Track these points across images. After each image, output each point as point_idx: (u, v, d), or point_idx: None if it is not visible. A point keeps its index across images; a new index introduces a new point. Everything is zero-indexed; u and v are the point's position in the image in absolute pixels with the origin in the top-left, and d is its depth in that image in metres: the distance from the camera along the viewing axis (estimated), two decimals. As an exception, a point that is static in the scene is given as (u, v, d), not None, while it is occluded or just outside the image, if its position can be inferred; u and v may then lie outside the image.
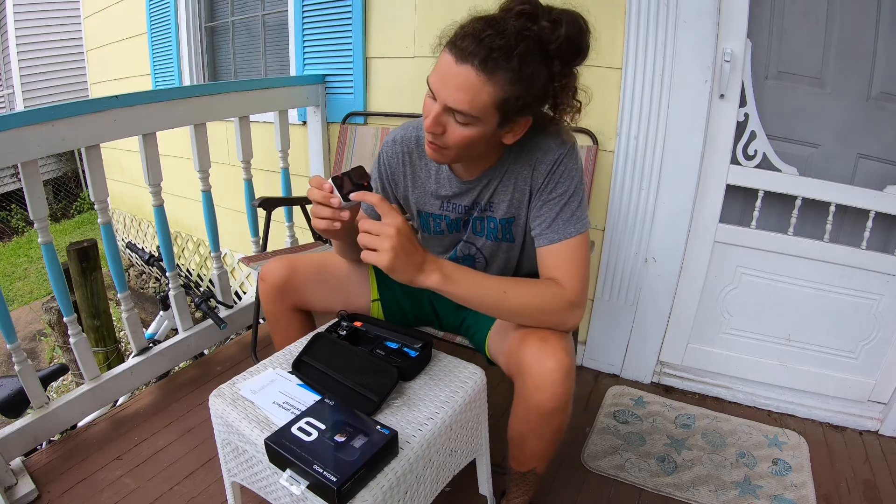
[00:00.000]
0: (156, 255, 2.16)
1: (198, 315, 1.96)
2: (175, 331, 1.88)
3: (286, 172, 2.13)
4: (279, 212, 2.05)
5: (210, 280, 3.40)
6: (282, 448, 0.77)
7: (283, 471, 0.77)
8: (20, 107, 5.81)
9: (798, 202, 1.49)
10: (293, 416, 0.84)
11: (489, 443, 1.09)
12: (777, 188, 1.51)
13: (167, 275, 1.79)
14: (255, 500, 1.16)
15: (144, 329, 1.82)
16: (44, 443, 1.48)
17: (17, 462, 1.36)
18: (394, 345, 1.02)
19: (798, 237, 1.52)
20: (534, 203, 0.98)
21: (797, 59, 1.47)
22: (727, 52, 1.43)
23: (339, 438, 0.78)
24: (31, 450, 1.43)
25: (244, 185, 1.97)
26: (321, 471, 0.73)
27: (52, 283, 1.43)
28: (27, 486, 1.28)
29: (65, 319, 1.49)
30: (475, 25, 0.81)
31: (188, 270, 3.70)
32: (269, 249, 1.94)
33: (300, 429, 0.80)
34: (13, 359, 1.36)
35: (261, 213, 1.89)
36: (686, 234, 1.61)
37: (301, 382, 0.96)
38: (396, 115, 2.03)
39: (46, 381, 1.75)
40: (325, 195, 0.88)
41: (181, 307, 1.82)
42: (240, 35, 2.82)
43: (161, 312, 2.31)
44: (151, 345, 1.73)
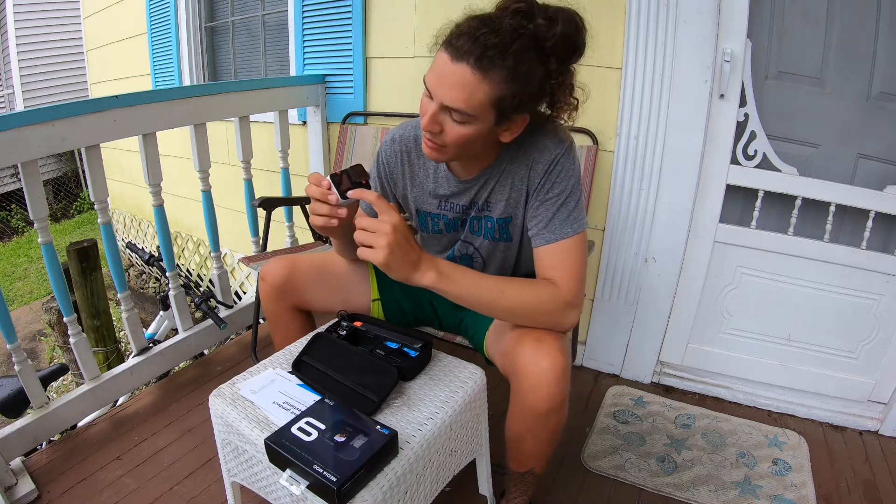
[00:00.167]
0: (156, 255, 2.16)
1: (198, 315, 1.96)
2: (175, 331, 1.88)
3: (286, 172, 2.13)
4: (279, 212, 2.05)
5: (210, 280, 3.40)
6: (282, 448, 0.77)
7: (283, 471, 0.77)
8: (20, 107, 5.81)
9: (798, 202, 1.49)
10: (293, 416, 0.84)
11: (489, 443, 1.09)
12: (777, 188, 1.51)
13: (167, 275, 1.79)
14: (255, 500, 1.16)
15: (144, 329, 1.82)
16: (44, 443, 1.48)
17: (17, 462, 1.37)
18: (394, 345, 1.02)
19: (798, 237, 1.52)
20: (531, 203, 0.97)
21: (797, 59, 1.47)
22: (727, 52, 1.43)
23: (339, 438, 0.78)
24: (31, 450, 1.43)
25: (244, 185, 1.98)
26: (321, 471, 0.73)
27: (52, 283, 1.43)
28: (27, 486, 1.29)
29: (65, 319, 1.49)
30: (470, 24, 0.81)
31: (188, 270, 3.69)
32: (269, 249, 1.94)
33: (300, 429, 0.80)
34: (13, 359, 1.36)
35: (261, 213, 1.89)
36: (686, 234, 1.61)
37: (301, 382, 0.96)
38: (396, 115, 2.03)
39: (46, 381, 1.75)
40: (323, 192, 0.88)
41: (181, 307, 1.82)
42: (240, 35, 2.82)
43: (161, 312, 2.31)
44: (151, 345, 1.74)
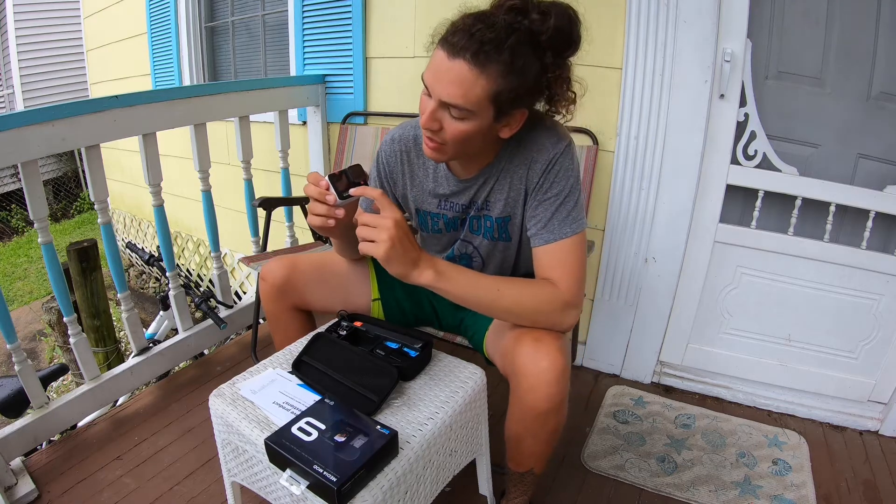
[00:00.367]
0: (156, 255, 2.16)
1: (198, 315, 1.96)
2: (175, 331, 1.88)
3: (286, 172, 2.13)
4: (279, 212, 2.05)
5: (210, 280, 3.40)
6: (282, 448, 0.77)
7: (283, 471, 0.77)
8: (20, 107, 5.81)
9: (798, 202, 1.49)
10: (293, 416, 0.84)
11: (489, 443, 1.09)
12: (777, 188, 1.51)
13: (167, 275, 1.79)
14: (255, 500, 1.16)
15: (144, 329, 1.82)
16: (44, 443, 1.48)
17: (17, 462, 1.36)
18: (394, 345, 1.02)
19: (798, 237, 1.52)
20: (529, 202, 0.97)
21: (797, 59, 1.47)
22: (727, 52, 1.43)
23: (339, 438, 0.78)
24: (31, 450, 1.43)
25: (244, 185, 1.98)
26: (321, 471, 0.73)
27: (52, 283, 1.43)
28: (27, 486, 1.28)
29: (65, 319, 1.49)
30: (466, 21, 0.82)
31: (188, 270, 3.69)
32: (269, 249, 1.94)
33: (300, 429, 0.80)
34: (13, 359, 1.36)
35: (261, 213, 1.89)
36: (686, 234, 1.61)
37: (301, 382, 0.96)
38: (396, 115, 2.03)
39: (46, 381, 1.75)
40: (321, 191, 0.88)
41: (181, 307, 1.82)
42: (240, 35, 2.82)
43: (161, 312, 2.31)
44: (151, 345, 1.73)
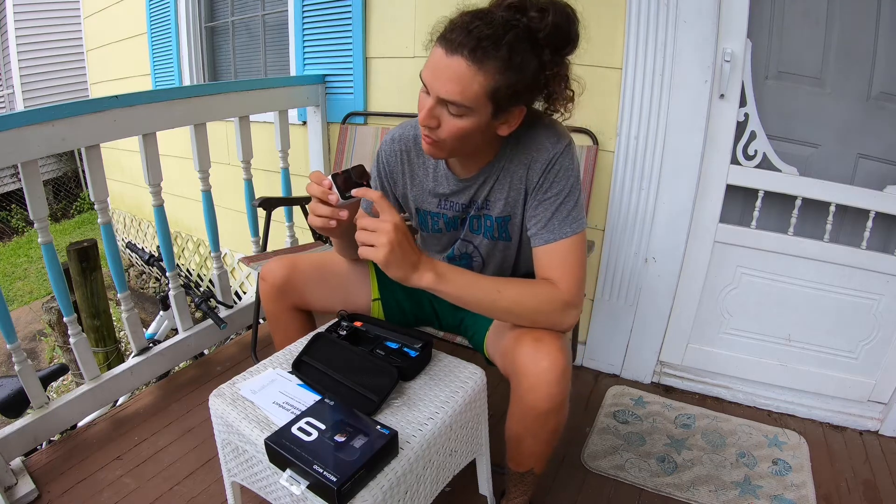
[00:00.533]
0: (156, 255, 2.16)
1: (198, 315, 1.96)
2: (175, 331, 1.88)
3: (286, 172, 2.13)
4: (279, 212, 2.05)
5: (210, 280, 3.40)
6: (282, 448, 0.77)
7: (283, 471, 0.77)
8: (20, 107, 5.81)
9: (798, 202, 1.49)
10: (293, 416, 0.84)
11: (489, 443, 1.09)
12: (777, 188, 1.51)
13: (167, 275, 1.79)
14: (255, 500, 1.16)
15: (144, 329, 1.82)
16: (44, 443, 1.48)
17: (17, 462, 1.36)
18: (394, 345, 1.02)
19: (798, 237, 1.52)
20: (529, 202, 0.97)
21: (797, 59, 1.47)
22: (727, 52, 1.43)
23: (339, 438, 0.78)
24: (31, 450, 1.43)
25: (244, 185, 1.98)
26: (321, 471, 0.73)
27: (52, 283, 1.43)
28: (27, 486, 1.28)
29: (65, 319, 1.49)
30: (464, 18, 0.82)
31: (188, 270, 3.69)
32: (269, 249, 1.94)
33: (300, 429, 0.80)
34: (13, 359, 1.36)
35: (261, 213, 1.89)
36: (686, 234, 1.61)
37: (301, 382, 0.96)
38: (396, 115, 2.03)
39: (46, 381, 1.75)
40: (324, 191, 0.88)
41: (181, 307, 1.82)
42: (240, 35, 2.82)
43: (161, 312, 2.31)
44: (151, 345, 1.73)
